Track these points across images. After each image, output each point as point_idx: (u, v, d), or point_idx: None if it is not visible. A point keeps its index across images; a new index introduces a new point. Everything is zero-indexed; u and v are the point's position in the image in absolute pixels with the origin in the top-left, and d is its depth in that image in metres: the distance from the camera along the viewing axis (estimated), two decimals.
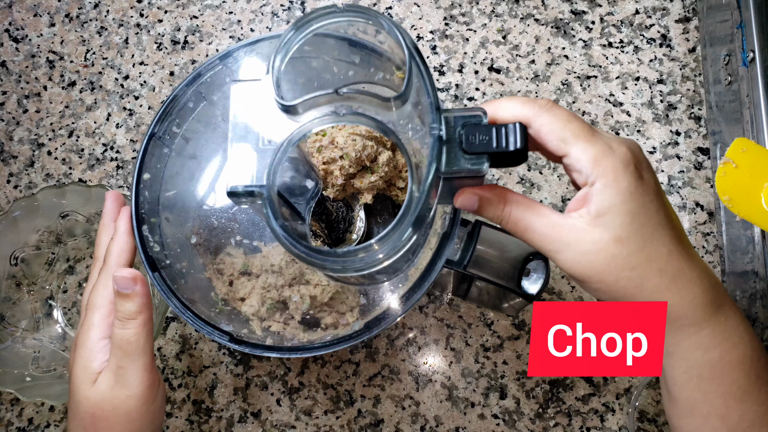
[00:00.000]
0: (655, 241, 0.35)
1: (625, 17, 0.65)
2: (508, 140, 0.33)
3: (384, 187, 0.57)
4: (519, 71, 0.64)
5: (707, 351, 0.36)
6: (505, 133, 0.33)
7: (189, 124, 0.53)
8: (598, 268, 0.35)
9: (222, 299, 0.53)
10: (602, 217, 0.35)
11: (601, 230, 0.35)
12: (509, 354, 0.57)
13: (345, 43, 0.42)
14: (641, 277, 0.35)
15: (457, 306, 0.59)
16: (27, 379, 0.54)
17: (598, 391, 0.56)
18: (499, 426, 0.56)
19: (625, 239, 0.34)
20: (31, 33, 0.69)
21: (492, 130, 0.33)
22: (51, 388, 0.54)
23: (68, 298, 0.61)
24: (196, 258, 0.54)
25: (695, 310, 0.35)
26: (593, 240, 0.35)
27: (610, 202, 0.34)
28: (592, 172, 0.35)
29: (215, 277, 0.54)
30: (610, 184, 0.34)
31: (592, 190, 0.35)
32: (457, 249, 0.47)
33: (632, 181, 0.35)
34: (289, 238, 0.33)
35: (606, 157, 0.35)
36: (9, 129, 0.66)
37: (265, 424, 0.57)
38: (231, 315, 0.52)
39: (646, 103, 0.63)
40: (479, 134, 0.33)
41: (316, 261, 0.33)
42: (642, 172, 0.35)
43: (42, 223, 0.58)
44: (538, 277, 0.47)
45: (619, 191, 0.34)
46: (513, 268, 0.46)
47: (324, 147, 0.54)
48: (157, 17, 0.68)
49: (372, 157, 0.54)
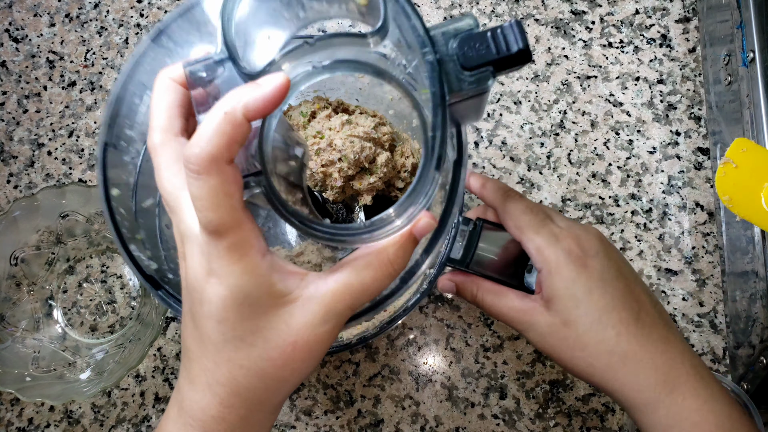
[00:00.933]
0: (602, 324, 0.37)
1: (625, 17, 0.65)
2: (508, 42, 0.29)
3: (383, 188, 0.57)
4: (519, 71, 0.64)
5: (666, 431, 0.37)
6: (503, 35, 0.29)
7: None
8: (555, 348, 0.38)
9: None
10: (551, 302, 0.38)
11: (552, 314, 0.38)
12: (509, 354, 0.57)
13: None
14: (591, 357, 0.37)
15: (457, 306, 0.59)
16: (27, 379, 0.54)
17: (598, 391, 0.56)
18: (499, 426, 0.56)
19: (572, 322, 0.38)
20: (31, 33, 0.69)
21: (488, 36, 0.29)
22: (51, 388, 0.54)
23: (68, 298, 0.61)
24: None
25: (646, 391, 0.37)
26: (547, 323, 0.38)
27: (555, 288, 0.38)
28: (537, 260, 0.39)
29: None
30: (553, 272, 0.38)
31: (540, 276, 0.39)
32: (459, 248, 0.47)
33: (574, 269, 0.38)
34: (309, 223, 0.30)
35: (549, 247, 0.39)
36: (9, 129, 0.66)
37: None
38: None
39: (646, 103, 0.63)
40: (476, 44, 0.29)
41: (344, 237, 0.30)
42: (588, 260, 0.38)
43: (42, 223, 0.58)
44: None
45: (562, 279, 0.38)
46: (515, 265, 0.46)
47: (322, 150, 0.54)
48: (157, 17, 0.68)
49: (370, 159, 0.54)
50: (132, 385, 0.58)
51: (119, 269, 0.61)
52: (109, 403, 0.58)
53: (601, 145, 0.62)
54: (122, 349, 0.57)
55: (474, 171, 0.49)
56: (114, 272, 0.61)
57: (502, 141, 0.63)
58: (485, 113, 0.63)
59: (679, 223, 0.60)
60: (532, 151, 0.62)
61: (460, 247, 0.47)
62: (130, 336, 0.58)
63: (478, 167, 0.62)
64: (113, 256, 0.62)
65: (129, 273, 0.61)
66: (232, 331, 0.29)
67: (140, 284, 0.61)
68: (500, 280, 0.46)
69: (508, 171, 0.62)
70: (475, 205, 0.61)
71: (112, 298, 0.61)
